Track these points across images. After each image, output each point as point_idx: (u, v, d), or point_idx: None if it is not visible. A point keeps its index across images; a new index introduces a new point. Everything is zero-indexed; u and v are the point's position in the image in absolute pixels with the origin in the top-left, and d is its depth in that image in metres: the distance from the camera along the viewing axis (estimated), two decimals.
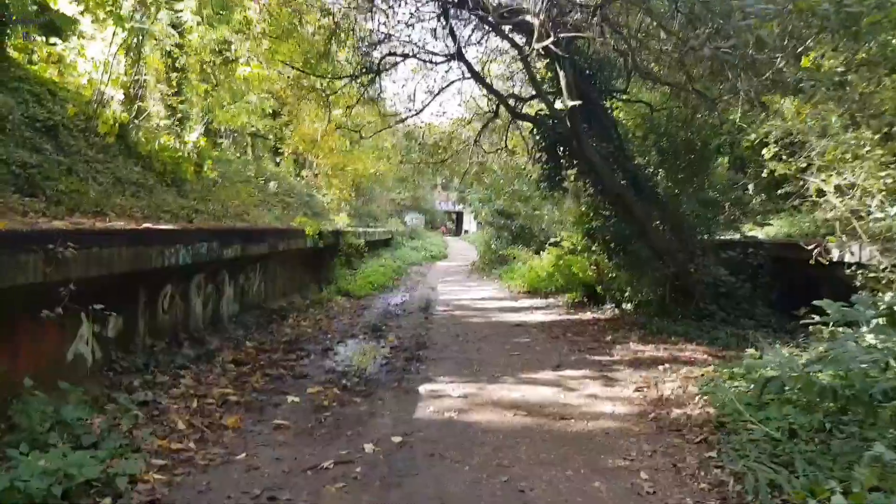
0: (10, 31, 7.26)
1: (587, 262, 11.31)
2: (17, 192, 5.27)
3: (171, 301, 6.28)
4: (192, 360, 5.89)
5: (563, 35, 7.31)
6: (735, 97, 7.81)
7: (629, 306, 9.88)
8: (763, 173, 9.06)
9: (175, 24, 9.45)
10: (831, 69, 6.73)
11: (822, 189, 7.44)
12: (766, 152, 8.22)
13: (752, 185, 11.04)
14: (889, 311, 3.77)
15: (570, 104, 7.93)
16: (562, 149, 9.55)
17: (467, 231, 52.69)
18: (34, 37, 7.33)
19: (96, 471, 3.10)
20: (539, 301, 12.26)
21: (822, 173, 7.48)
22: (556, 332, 8.66)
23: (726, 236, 9.82)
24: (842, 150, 7.11)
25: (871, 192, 6.79)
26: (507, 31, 9.08)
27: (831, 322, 4.86)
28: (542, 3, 7.20)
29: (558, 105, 8.59)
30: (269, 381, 5.70)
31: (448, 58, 9.67)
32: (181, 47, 10.48)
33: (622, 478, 3.63)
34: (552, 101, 8.94)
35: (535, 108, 11.24)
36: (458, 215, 58.00)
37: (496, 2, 8.12)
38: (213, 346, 6.53)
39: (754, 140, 8.39)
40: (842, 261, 6.99)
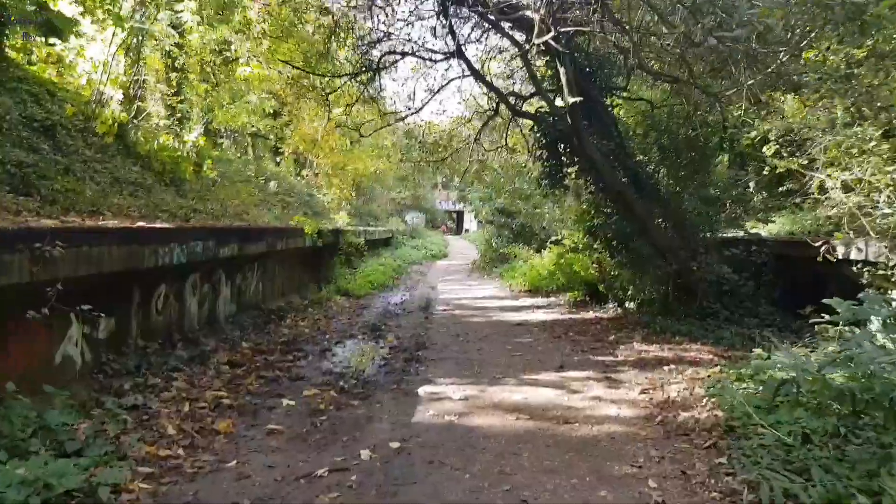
0: (8, 32, 7.15)
1: (589, 260, 11.17)
2: (11, 191, 5.19)
3: (165, 301, 6.17)
4: (186, 361, 5.77)
5: (563, 30, 7.18)
6: (737, 93, 7.68)
7: (632, 305, 9.76)
8: (764, 170, 8.96)
9: (175, 25, 9.35)
10: (836, 62, 6.60)
11: (824, 186, 7.31)
12: (767, 149, 8.10)
13: (752, 183, 10.92)
14: None
15: (571, 101, 7.80)
16: (562, 146, 9.42)
17: (468, 230, 52.59)
18: (33, 37, 7.24)
19: (78, 480, 2.96)
20: (540, 300, 12.12)
21: (827, 169, 7.36)
22: (557, 331, 8.52)
23: (728, 234, 9.70)
24: (847, 146, 6.98)
25: (878, 187, 6.66)
26: (506, 28, 8.97)
27: (841, 321, 4.75)
28: None
29: (559, 102, 8.47)
30: (265, 383, 5.57)
31: (448, 56, 9.55)
32: (181, 47, 10.40)
33: (629, 486, 3.48)
34: (552, 99, 8.82)
35: (534, 105, 11.11)
36: (459, 214, 57.90)
37: None
38: (208, 348, 6.41)
39: (755, 137, 8.27)
40: (847, 258, 6.86)
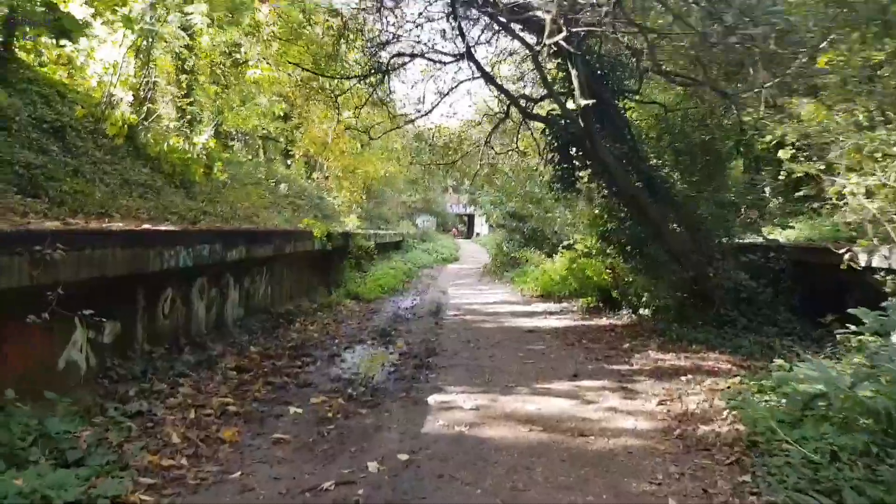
0: (18, 33, 7.15)
1: (602, 265, 10.98)
2: (19, 192, 5.15)
3: (171, 305, 6.09)
4: (193, 366, 5.68)
5: (575, 30, 7.04)
6: (754, 97, 7.49)
7: (646, 311, 9.56)
8: (780, 175, 8.75)
9: (185, 27, 9.34)
10: (858, 63, 6.42)
11: (842, 192, 7.10)
12: (784, 153, 7.91)
13: (768, 188, 10.71)
14: None
15: (583, 103, 7.65)
16: (574, 149, 9.27)
17: (479, 234, 52.49)
18: (44, 38, 7.25)
19: (76, 492, 2.86)
20: (553, 305, 11.95)
21: (848, 174, 7.15)
22: (570, 338, 8.35)
23: (745, 239, 9.49)
24: (870, 149, 6.78)
25: None
26: (517, 30, 8.85)
27: (866, 332, 4.57)
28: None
29: (570, 105, 8.33)
30: (272, 389, 5.47)
31: (457, 58, 9.45)
32: (191, 49, 10.40)
33: None
34: (564, 102, 8.68)
35: (546, 108, 10.98)
36: (470, 218, 57.81)
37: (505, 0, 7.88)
38: (215, 352, 6.32)
39: (770, 141, 8.08)
40: (869, 265, 6.66)
